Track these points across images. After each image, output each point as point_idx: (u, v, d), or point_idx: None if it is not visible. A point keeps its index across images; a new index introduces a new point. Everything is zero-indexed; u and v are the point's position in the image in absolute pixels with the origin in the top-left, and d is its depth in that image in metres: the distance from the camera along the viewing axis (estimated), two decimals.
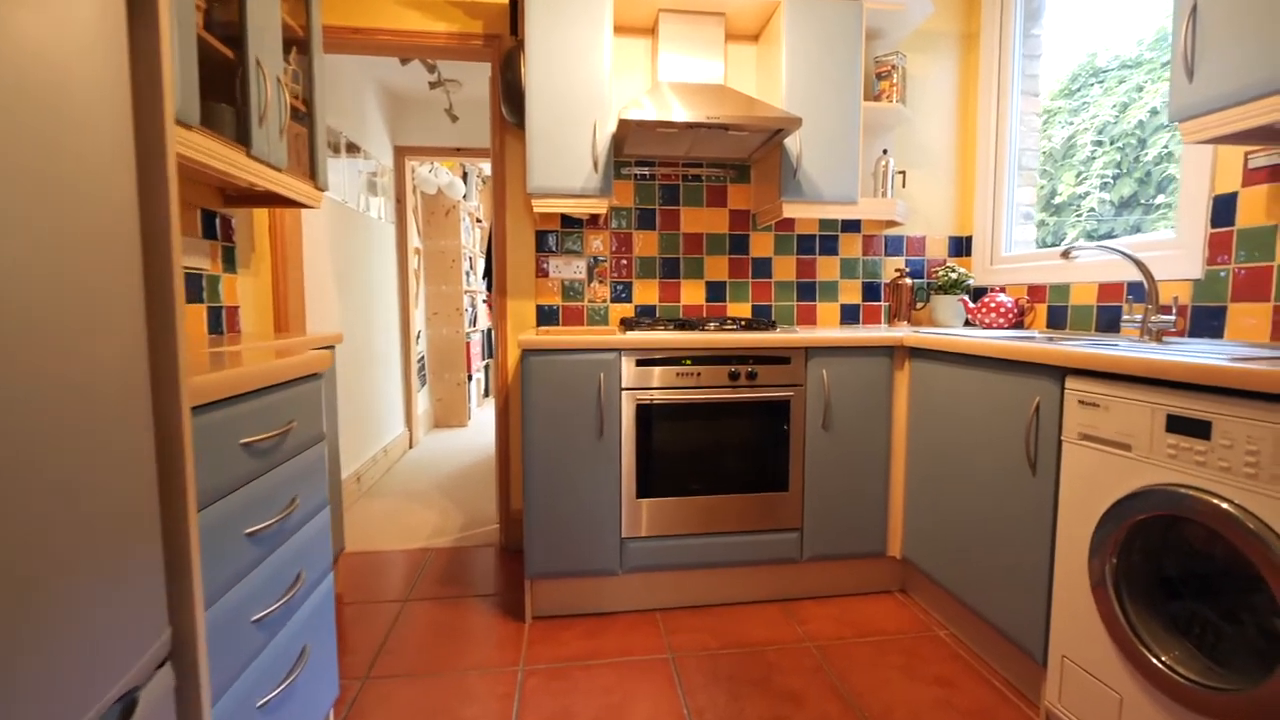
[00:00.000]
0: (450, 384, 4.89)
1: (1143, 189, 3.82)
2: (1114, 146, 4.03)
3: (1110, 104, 3.89)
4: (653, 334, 1.90)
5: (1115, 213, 3.72)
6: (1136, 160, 3.85)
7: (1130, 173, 3.83)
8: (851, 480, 2.02)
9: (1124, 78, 3.82)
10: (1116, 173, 3.87)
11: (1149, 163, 3.73)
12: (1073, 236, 2.91)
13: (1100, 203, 3.73)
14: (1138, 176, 3.84)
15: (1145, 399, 1.19)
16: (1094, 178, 3.99)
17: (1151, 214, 3.37)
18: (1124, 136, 3.88)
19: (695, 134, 2.08)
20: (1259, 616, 1.11)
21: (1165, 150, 3.43)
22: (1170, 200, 2.70)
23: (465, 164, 5.09)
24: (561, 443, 1.87)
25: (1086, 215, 3.69)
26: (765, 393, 1.94)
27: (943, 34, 2.56)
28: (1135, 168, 3.84)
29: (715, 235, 2.49)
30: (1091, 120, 4.07)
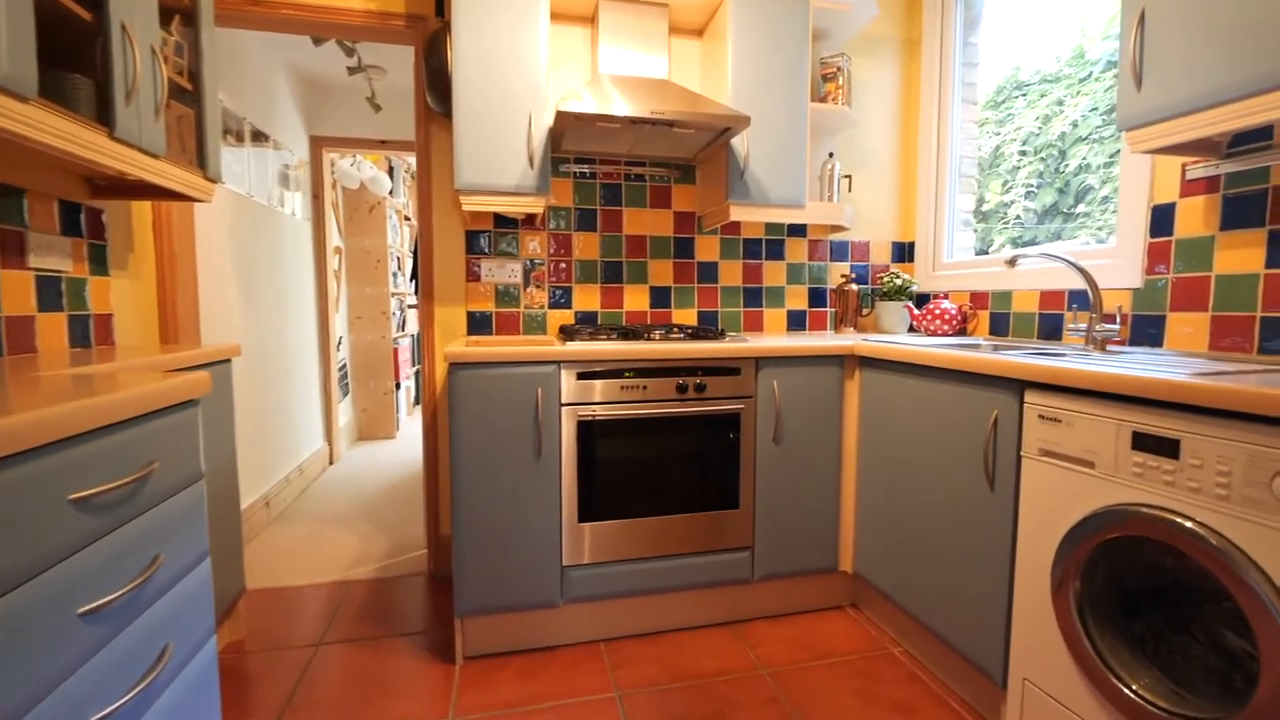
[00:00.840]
0: (376, 393, 4.57)
1: (1063, 198, 4.00)
2: (1037, 157, 4.22)
3: (1034, 116, 4.06)
4: (595, 344, 1.76)
5: (1037, 220, 3.88)
6: (1057, 171, 4.02)
7: (1051, 182, 4.00)
8: (803, 495, 1.94)
9: (1045, 91, 3.99)
10: (1039, 182, 4.04)
11: (1069, 173, 3.91)
12: (999, 243, 2.98)
13: (1025, 211, 3.89)
14: (1058, 186, 4.02)
15: (1109, 415, 1.15)
16: (1019, 186, 4.16)
17: (1071, 222, 3.53)
18: (1046, 148, 4.06)
19: (639, 131, 1.95)
20: (1211, 630, 1.09)
21: (1084, 162, 3.60)
22: (1089, 209, 2.79)
23: (391, 158, 4.77)
24: (495, 465, 1.69)
25: (1013, 223, 3.83)
26: (715, 406, 1.84)
27: (885, 39, 2.54)
28: (1056, 178, 4.01)
29: (659, 238, 2.37)
30: (1017, 131, 4.25)
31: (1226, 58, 1.20)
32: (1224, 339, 1.49)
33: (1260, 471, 0.93)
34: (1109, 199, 2.42)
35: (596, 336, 1.85)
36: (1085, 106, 2.82)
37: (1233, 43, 1.20)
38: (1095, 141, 2.62)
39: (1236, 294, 1.46)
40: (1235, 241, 1.47)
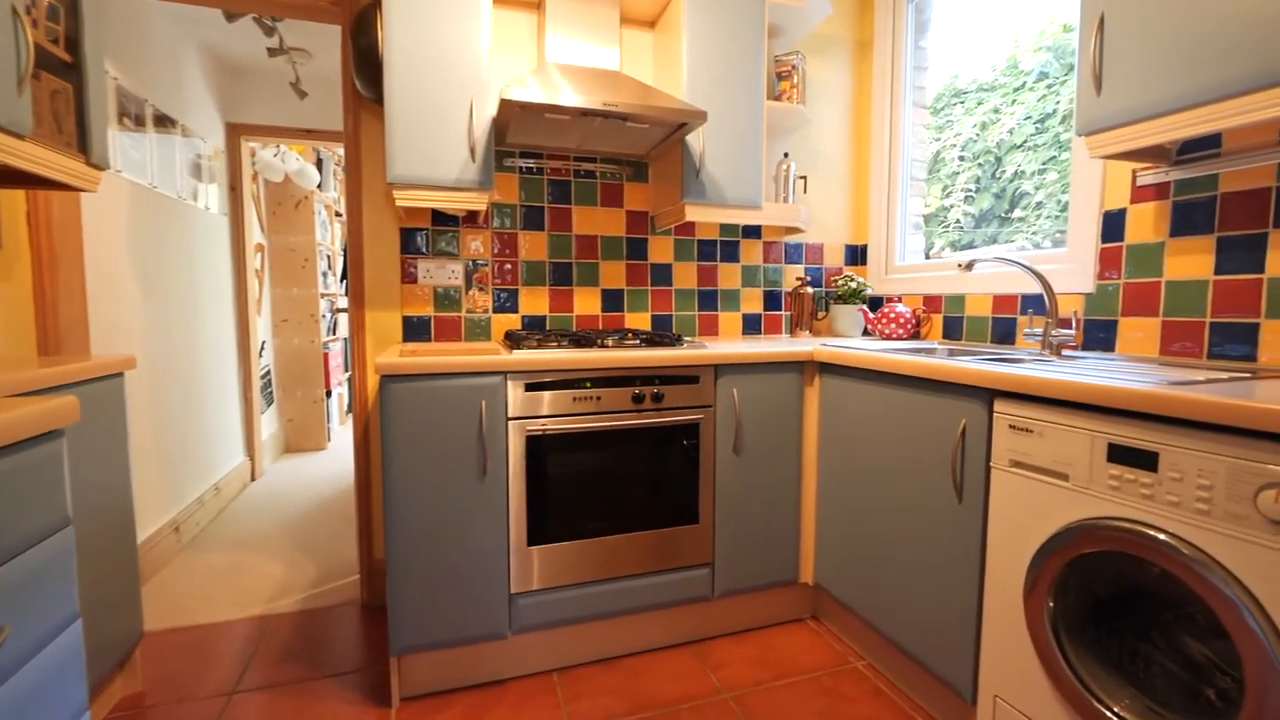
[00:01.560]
0: (304, 402, 4.26)
1: (999, 203, 4.13)
2: (975, 162, 4.37)
3: (971, 123, 4.19)
4: (544, 353, 1.62)
5: (975, 225, 4.00)
6: (994, 177, 4.16)
7: (988, 188, 4.14)
8: (764, 506, 1.87)
9: (982, 99, 4.13)
10: (976, 187, 4.17)
11: (1005, 179, 4.06)
12: (939, 247, 3.03)
13: (964, 215, 4.00)
14: (994, 191, 4.16)
15: (1084, 426, 1.12)
16: (959, 191, 4.29)
17: (1007, 226, 3.65)
18: (983, 154, 4.20)
19: (589, 124, 1.83)
20: (1172, 637, 1.07)
21: (1019, 169, 3.73)
22: (1025, 214, 2.86)
23: (320, 149, 4.46)
24: (434, 486, 1.54)
25: (952, 227, 3.94)
26: (673, 416, 1.74)
27: (837, 39, 2.51)
28: (993, 183, 4.15)
29: (611, 238, 2.26)
30: (956, 137, 4.38)
31: (1188, 63, 1.20)
32: (1174, 344, 1.50)
33: (1243, 486, 0.90)
34: (1043, 204, 2.46)
35: (546, 344, 1.72)
36: (1020, 115, 2.87)
37: (1193, 48, 1.19)
38: (1030, 149, 2.66)
39: (1186, 300, 1.48)
40: (1185, 248, 1.48)
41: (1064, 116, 2.16)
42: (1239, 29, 1.11)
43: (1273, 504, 0.86)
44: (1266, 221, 1.34)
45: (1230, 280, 1.40)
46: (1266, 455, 0.87)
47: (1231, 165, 1.38)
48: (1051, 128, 2.30)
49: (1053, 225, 2.13)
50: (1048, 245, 2.06)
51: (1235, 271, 1.39)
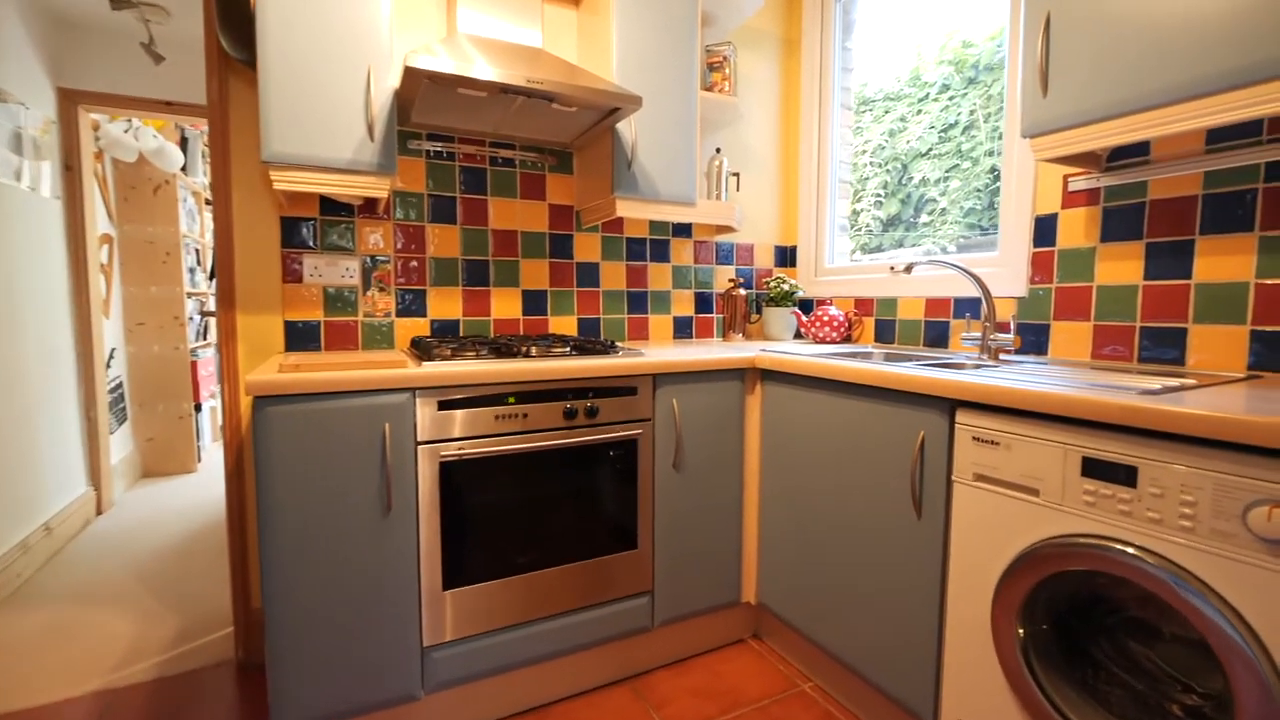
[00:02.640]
0: (167, 418, 3.68)
1: (904, 209, 4.31)
2: (883, 169, 4.54)
3: (880, 130, 4.35)
4: (461, 364, 1.40)
5: (882, 229, 4.15)
6: (900, 183, 4.34)
7: (895, 194, 4.30)
8: (706, 525, 1.73)
9: (889, 108, 4.29)
10: (884, 193, 4.32)
11: (910, 186, 4.23)
12: (851, 250, 3.08)
13: (873, 220, 4.13)
14: (900, 197, 4.33)
15: (1055, 438, 1.06)
16: (869, 196, 4.44)
17: (913, 231, 3.80)
18: (891, 160, 4.37)
19: (508, 104, 1.62)
20: (1119, 644, 1.04)
21: (924, 177, 3.89)
22: (931, 220, 2.95)
23: (186, 126, 3.88)
24: (326, 527, 1.27)
25: (863, 231, 4.05)
26: (609, 432, 1.56)
27: (766, 34, 2.44)
28: (899, 189, 4.32)
29: (533, 234, 2.04)
30: (865, 144, 4.55)
31: (1135, 68, 1.18)
32: (1105, 348, 1.52)
33: (1231, 502, 0.85)
34: (947, 211, 2.51)
35: (462, 353, 1.49)
36: (925, 124, 2.92)
37: (1141, 52, 1.17)
38: (934, 157, 2.70)
39: (1117, 304, 1.49)
40: (1115, 253, 1.50)
41: (965, 127, 2.19)
42: (1195, 31, 1.10)
43: (1265, 522, 0.81)
44: (1193, 228, 1.36)
45: (1159, 285, 1.42)
46: (1256, 470, 0.83)
47: (1159, 173, 1.40)
48: (954, 138, 2.34)
49: (957, 230, 2.16)
50: (952, 249, 2.09)
51: (1164, 277, 1.41)
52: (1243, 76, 1.05)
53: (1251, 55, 1.04)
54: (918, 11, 2.17)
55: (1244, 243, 1.29)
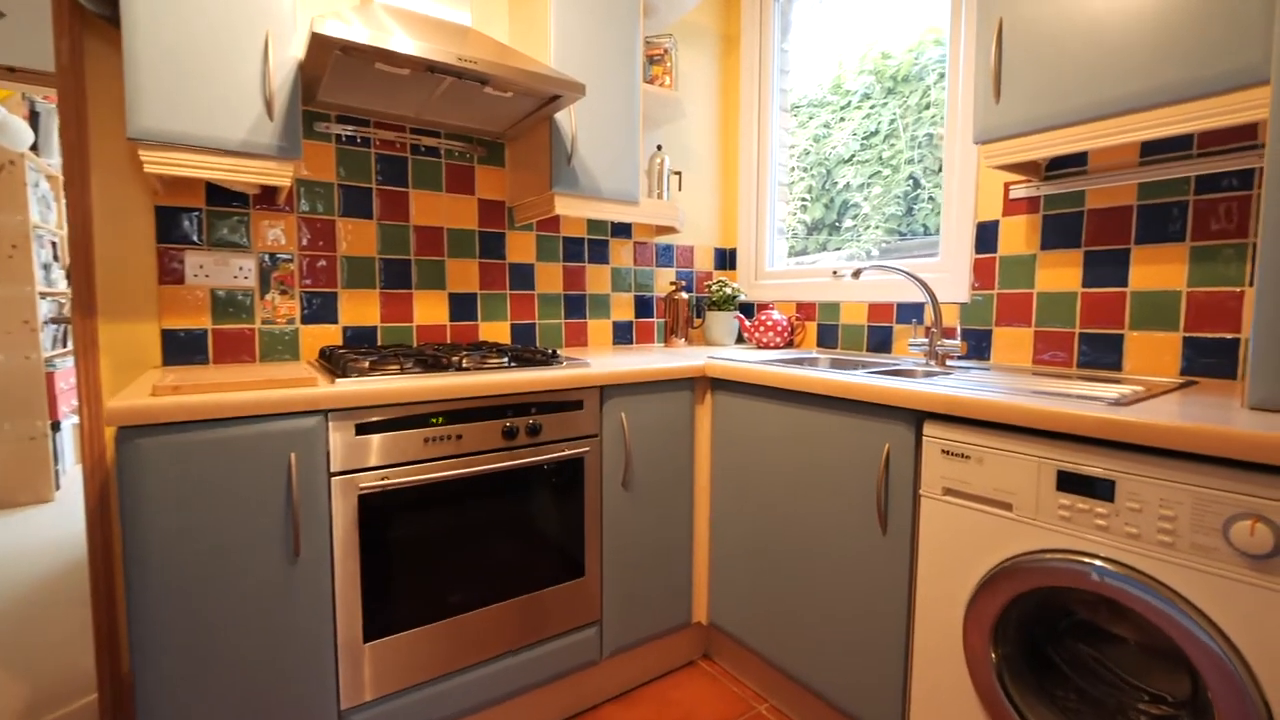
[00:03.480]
0: (15, 439, 3.14)
1: (828, 213, 4.42)
2: (809, 173, 4.65)
3: (806, 135, 4.44)
4: (383, 380, 1.21)
5: (807, 233, 4.24)
6: (824, 188, 4.45)
7: (819, 198, 4.40)
8: (657, 545, 1.63)
9: (813, 114, 4.39)
10: (809, 197, 4.42)
11: (834, 191, 4.34)
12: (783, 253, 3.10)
13: (799, 223, 4.21)
14: (824, 202, 4.44)
15: (1029, 451, 1.03)
16: (795, 200, 4.53)
17: (836, 235, 3.90)
18: (816, 165, 4.47)
19: (433, 86, 1.44)
20: (1070, 650, 1.03)
21: (846, 182, 3.99)
22: (854, 224, 3.01)
23: (36, 99, 3.34)
24: (217, 577, 1.06)
25: (789, 234, 4.12)
26: (554, 451, 1.42)
27: (705, 30, 2.37)
28: (823, 194, 4.43)
29: (461, 232, 1.86)
30: (792, 148, 4.64)
31: (1087, 77, 1.18)
32: (1046, 353, 1.55)
33: (1211, 516, 0.84)
34: (869, 216, 2.54)
35: (384, 366, 1.30)
36: (848, 131, 2.96)
37: (1092, 63, 1.18)
38: (857, 164, 2.74)
39: (1057, 310, 1.52)
40: (1055, 260, 1.52)
41: (885, 135, 2.21)
42: (1139, 46, 1.11)
43: (1248, 537, 0.80)
44: (1129, 238, 1.40)
45: (1097, 293, 1.45)
46: (1237, 484, 0.82)
47: (1096, 183, 1.44)
48: (875, 145, 2.37)
49: (879, 235, 2.19)
50: (876, 253, 2.12)
51: (1102, 285, 1.44)
52: (1182, 91, 1.07)
53: (1194, 71, 1.05)
54: (842, 21, 2.17)
55: (1176, 252, 1.33)
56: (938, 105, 1.99)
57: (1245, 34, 1.00)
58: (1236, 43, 1.01)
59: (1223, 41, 1.03)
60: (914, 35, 2.03)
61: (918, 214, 2.06)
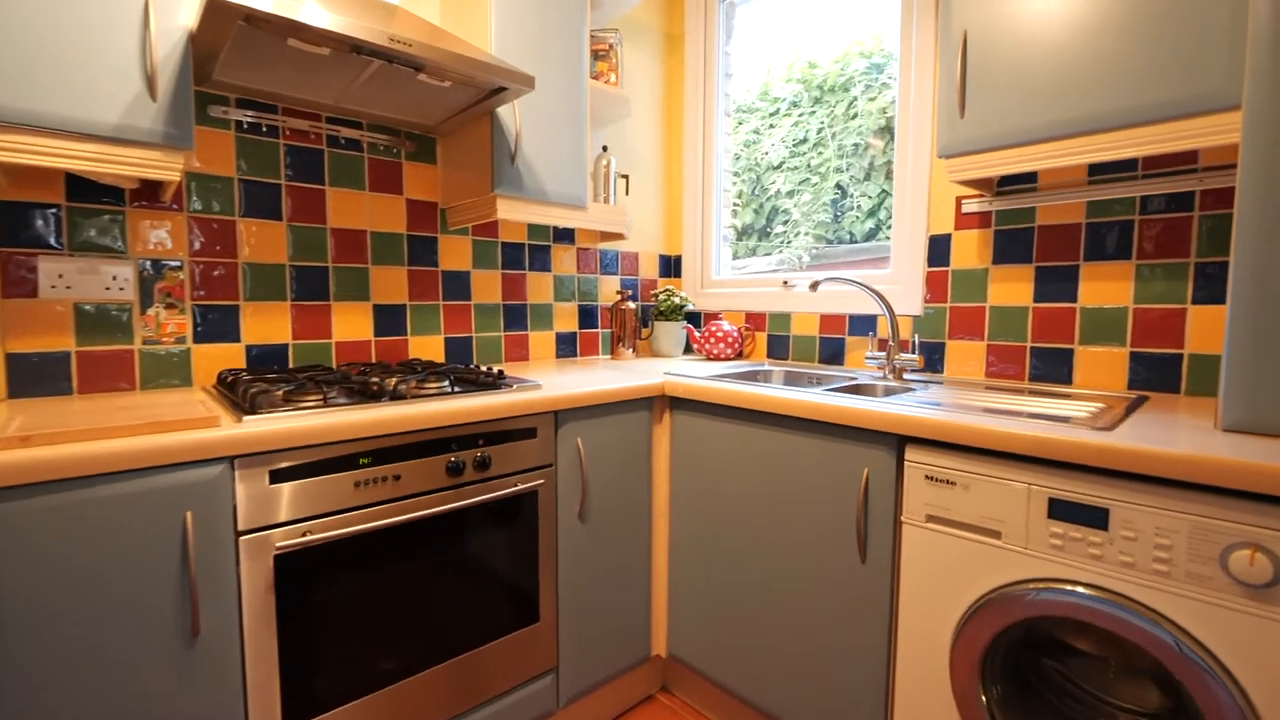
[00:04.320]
0: None
1: (757, 218, 4.47)
2: (740, 179, 4.69)
3: (738, 141, 4.46)
4: (303, 416, 1.02)
5: (737, 237, 4.27)
6: (754, 193, 4.49)
7: (749, 204, 4.43)
8: (615, 580, 1.51)
9: (742, 119, 4.42)
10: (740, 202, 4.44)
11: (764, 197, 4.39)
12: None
13: (730, 228, 4.22)
14: (754, 207, 4.48)
15: (1018, 478, 1.00)
16: (728, 205, 4.54)
17: (766, 240, 3.93)
18: (747, 170, 4.51)
19: (357, 70, 1.25)
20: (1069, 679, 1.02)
21: (776, 189, 4.04)
22: (784, 230, 3.03)
23: None
24: (89, 668, 0.84)
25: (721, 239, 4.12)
26: (505, 487, 1.27)
27: (648, 27, 2.27)
28: (753, 199, 4.47)
29: (388, 235, 1.66)
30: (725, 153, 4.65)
31: (1057, 94, 1.18)
32: (999, 367, 1.56)
33: (1209, 545, 0.83)
34: (799, 223, 2.55)
35: (302, 397, 1.10)
36: (777, 137, 2.97)
37: (1060, 80, 1.17)
38: (787, 170, 2.74)
39: (1009, 325, 1.54)
40: (1007, 275, 1.54)
41: (814, 144, 2.22)
42: (1097, 70, 1.11)
43: (1247, 566, 0.80)
44: (1078, 255, 1.43)
45: (1048, 308, 1.48)
46: (1236, 513, 0.81)
47: (1047, 200, 1.46)
48: (804, 153, 2.37)
49: (809, 242, 2.20)
50: (806, 259, 2.13)
51: (1052, 300, 1.47)
52: (1146, 115, 1.08)
53: (1158, 96, 1.07)
54: (783, 27, 2.14)
55: (1123, 269, 1.37)
56: (865, 116, 2.01)
57: (1207, 62, 1.02)
58: (1199, 71, 1.03)
59: (1184, 69, 1.04)
60: (840, 47, 2.04)
61: (844, 221, 2.07)
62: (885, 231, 1.96)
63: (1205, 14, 1.02)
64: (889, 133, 1.94)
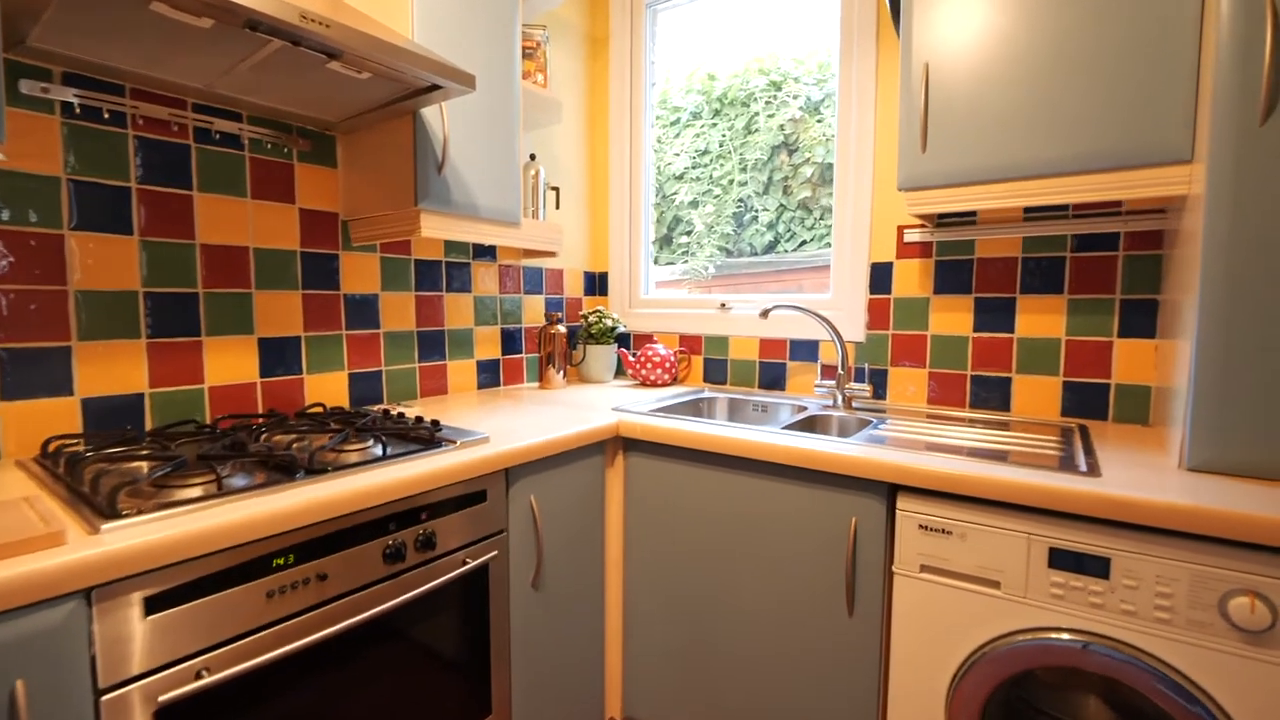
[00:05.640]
0: None
1: (658, 227, 4.45)
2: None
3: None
4: (187, 517, 0.76)
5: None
6: (657, 202, 4.46)
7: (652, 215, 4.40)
8: (570, 648, 1.34)
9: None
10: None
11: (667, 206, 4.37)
12: None
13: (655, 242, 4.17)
14: (655, 216, 4.45)
15: (1017, 528, 0.98)
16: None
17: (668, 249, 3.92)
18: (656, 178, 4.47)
19: (247, 50, 0.98)
20: None
21: (681, 200, 4.03)
22: (689, 240, 3.02)
23: None
24: None
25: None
26: (453, 568, 1.06)
27: (573, 27, 2.09)
28: (656, 207, 4.44)
29: (276, 253, 1.35)
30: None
31: (1015, 135, 1.19)
32: (940, 393, 1.60)
33: (1208, 593, 0.85)
34: (703, 234, 2.54)
35: (180, 483, 0.82)
36: (679, 147, 2.94)
37: (1009, 125, 1.19)
38: (691, 180, 2.73)
39: (950, 353, 1.58)
40: (948, 305, 1.58)
41: (717, 155, 2.21)
42: (1048, 117, 1.14)
43: (1248, 614, 0.82)
44: (1014, 287, 1.49)
45: (987, 337, 1.53)
46: (1234, 561, 0.83)
47: (985, 234, 1.51)
48: (707, 164, 2.35)
49: (713, 253, 2.19)
50: (711, 270, 2.12)
51: (991, 330, 1.52)
52: (1108, 162, 1.12)
53: (1118, 145, 1.11)
54: (706, 35, 2.08)
55: (1056, 303, 1.44)
56: (766, 131, 2.02)
57: (1162, 119, 1.07)
58: (1156, 126, 1.08)
59: (1142, 124, 1.08)
60: (740, 62, 2.03)
61: (745, 234, 2.08)
62: (784, 245, 1.99)
63: (1164, 75, 1.06)
64: (788, 149, 1.96)
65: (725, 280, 2.15)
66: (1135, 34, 1.08)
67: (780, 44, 1.98)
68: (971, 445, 1.21)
